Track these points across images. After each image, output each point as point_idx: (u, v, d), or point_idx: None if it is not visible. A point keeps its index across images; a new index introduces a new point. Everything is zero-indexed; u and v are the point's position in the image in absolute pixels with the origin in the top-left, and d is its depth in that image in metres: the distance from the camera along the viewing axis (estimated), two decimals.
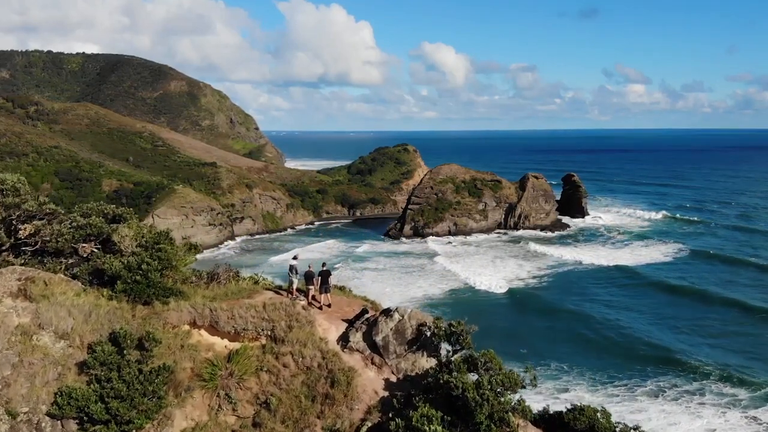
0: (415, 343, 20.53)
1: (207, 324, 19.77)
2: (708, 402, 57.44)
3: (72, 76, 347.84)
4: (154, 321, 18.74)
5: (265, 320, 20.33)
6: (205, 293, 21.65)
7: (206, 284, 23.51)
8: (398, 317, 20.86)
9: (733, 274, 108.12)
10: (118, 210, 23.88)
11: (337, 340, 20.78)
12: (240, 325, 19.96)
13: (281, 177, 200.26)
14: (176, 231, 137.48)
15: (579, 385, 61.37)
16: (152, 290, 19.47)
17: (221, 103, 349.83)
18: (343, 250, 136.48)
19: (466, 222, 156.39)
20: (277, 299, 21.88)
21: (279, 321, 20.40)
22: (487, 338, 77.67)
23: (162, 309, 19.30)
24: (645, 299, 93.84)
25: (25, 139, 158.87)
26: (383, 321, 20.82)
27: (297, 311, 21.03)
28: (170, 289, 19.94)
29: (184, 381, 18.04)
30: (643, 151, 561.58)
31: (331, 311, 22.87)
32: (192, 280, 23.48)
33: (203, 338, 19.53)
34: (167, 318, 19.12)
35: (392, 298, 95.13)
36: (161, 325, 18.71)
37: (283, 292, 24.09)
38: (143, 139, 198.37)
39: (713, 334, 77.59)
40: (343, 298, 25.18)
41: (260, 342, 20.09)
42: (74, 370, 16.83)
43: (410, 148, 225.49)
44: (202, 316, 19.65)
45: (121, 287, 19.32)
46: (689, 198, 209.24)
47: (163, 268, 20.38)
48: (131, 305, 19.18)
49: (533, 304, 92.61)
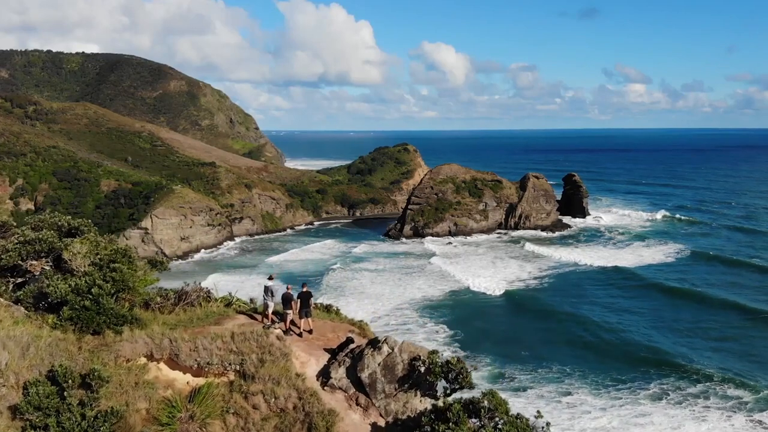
0: (407, 381, 18.05)
1: (166, 356, 17.09)
2: (713, 405, 56.65)
3: (71, 75, 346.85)
4: (104, 354, 16.16)
5: (233, 353, 17.72)
6: (166, 319, 19.33)
7: (173, 305, 21.11)
8: (387, 350, 18.29)
9: (735, 275, 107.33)
10: (74, 222, 21.40)
11: (317, 375, 18.43)
12: (204, 358, 17.23)
13: (281, 177, 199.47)
14: (175, 231, 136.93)
15: (581, 389, 60.59)
16: (103, 317, 16.93)
17: (221, 103, 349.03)
18: (342, 251, 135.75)
19: (466, 222, 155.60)
20: (249, 327, 19.28)
21: (249, 354, 17.82)
22: (487, 341, 77.31)
23: (114, 339, 16.78)
24: (646, 301, 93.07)
25: (23, 139, 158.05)
26: (370, 354, 18.22)
27: (270, 342, 18.38)
28: (124, 316, 17.48)
29: (136, 426, 15.64)
30: (643, 151, 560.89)
31: (311, 339, 20.41)
32: (157, 301, 21.05)
33: (162, 373, 17.05)
34: (120, 350, 16.48)
35: (391, 300, 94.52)
36: (112, 359, 16.19)
37: (259, 315, 21.82)
38: (142, 138, 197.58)
39: (716, 336, 76.82)
40: (327, 322, 22.52)
41: (227, 378, 17.50)
42: (7, 415, 14.22)
43: (410, 148, 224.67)
44: (160, 348, 17.03)
45: (67, 314, 16.80)
46: (690, 198, 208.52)
47: (118, 290, 18.07)
48: (78, 335, 16.67)
49: (534, 305, 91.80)
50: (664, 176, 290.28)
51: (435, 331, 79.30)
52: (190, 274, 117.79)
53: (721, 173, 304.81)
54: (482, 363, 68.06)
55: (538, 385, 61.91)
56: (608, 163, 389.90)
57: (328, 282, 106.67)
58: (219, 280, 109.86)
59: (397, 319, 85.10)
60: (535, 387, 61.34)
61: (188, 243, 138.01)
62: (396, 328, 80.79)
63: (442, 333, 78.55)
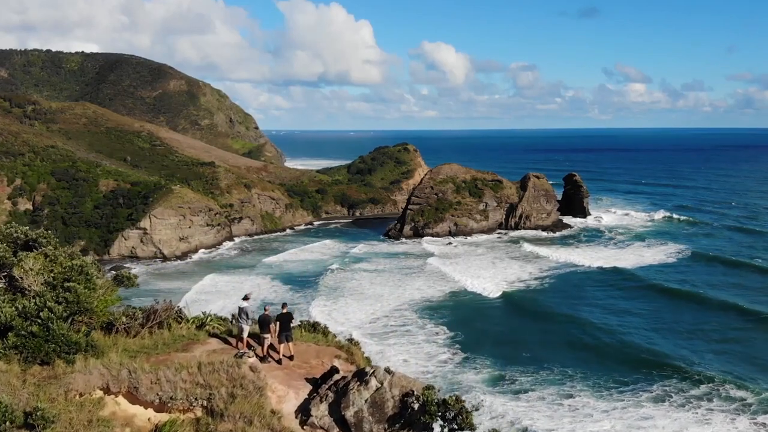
0: (399, 420, 15.90)
1: (125, 390, 15.15)
2: (716, 408, 56.01)
3: (71, 75, 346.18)
4: (53, 388, 14.07)
5: (200, 386, 15.67)
6: (128, 345, 17.33)
7: (141, 326, 19.06)
8: (376, 384, 16.02)
9: (736, 276, 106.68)
10: (32, 233, 19.12)
11: (296, 411, 16.39)
12: (167, 392, 15.21)
13: (280, 177, 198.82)
14: (174, 231, 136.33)
15: (584, 392, 59.91)
16: (52, 345, 14.94)
17: (221, 103, 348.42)
18: (342, 251, 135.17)
19: (466, 222, 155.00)
20: (219, 356, 17.22)
21: (218, 387, 15.68)
22: (488, 342, 76.69)
23: (65, 370, 14.75)
24: (647, 302, 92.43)
25: (22, 139, 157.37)
26: (356, 389, 16.04)
27: (242, 374, 16.28)
28: (77, 343, 15.45)
29: None
30: (644, 151, 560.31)
31: (292, 367, 18.33)
32: (122, 322, 18.90)
33: (120, 408, 15.14)
34: (71, 383, 14.36)
35: (390, 300, 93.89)
36: (62, 393, 14.15)
37: (234, 339, 19.69)
38: (141, 138, 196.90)
39: (717, 338, 76.19)
40: (311, 345, 20.17)
41: (194, 414, 15.53)
42: None
43: (410, 148, 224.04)
44: (118, 380, 15.00)
45: (12, 341, 14.89)
46: (690, 198, 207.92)
47: (73, 313, 16.11)
48: (24, 366, 14.85)
49: (535, 307, 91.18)
50: (664, 176, 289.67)
51: (435, 333, 78.68)
52: (189, 274, 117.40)
53: (722, 173, 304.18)
54: (483, 365, 67.53)
55: (540, 387, 61.30)
56: (609, 162, 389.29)
57: (326, 283, 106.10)
58: (217, 281, 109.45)
59: (397, 320, 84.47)
60: (536, 389, 60.72)
61: (187, 243, 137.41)
62: (395, 330, 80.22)
63: (442, 334, 77.93)
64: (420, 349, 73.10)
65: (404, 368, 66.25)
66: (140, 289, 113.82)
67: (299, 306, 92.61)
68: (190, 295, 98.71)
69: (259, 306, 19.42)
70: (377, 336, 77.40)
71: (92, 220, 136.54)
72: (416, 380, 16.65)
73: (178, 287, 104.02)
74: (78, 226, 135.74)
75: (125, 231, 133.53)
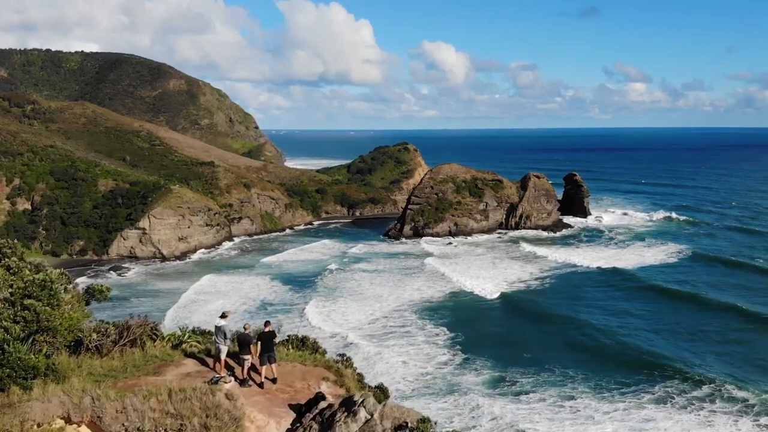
0: None
1: (87, 419, 13.81)
2: (719, 410, 55.60)
3: (71, 74, 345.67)
4: (8, 417, 12.91)
5: (170, 416, 14.33)
6: (93, 367, 16.01)
7: (113, 343, 17.68)
8: (365, 416, 14.23)
9: (737, 277, 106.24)
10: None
11: None
12: (134, 422, 13.90)
13: (280, 176, 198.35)
14: (173, 231, 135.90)
15: (585, 393, 59.49)
16: (7, 370, 13.64)
17: (220, 102, 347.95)
18: (341, 251, 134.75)
19: (466, 222, 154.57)
20: (192, 382, 15.73)
21: (190, 417, 14.29)
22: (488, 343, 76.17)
23: (21, 398, 13.50)
24: (648, 303, 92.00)
25: (21, 138, 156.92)
26: (342, 421, 14.26)
27: (217, 402, 14.81)
28: (35, 367, 14.07)
29: None
30: (644, 150, 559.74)
31: (275, 390, 16.92)
32: (93, 339, 17.45)
33: None
34: (28, 412, 13.13)
35: (389, 301, 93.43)
36: (18, 424, 12.97)
37: (212, 359, 18.15)
38: (141, 138, 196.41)
39: (719, 339, 75.79)
40: (297, 366, 18.54)
41: None
42: None
43: (410, 147, 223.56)
44: (79, 408, 13.67)
45: None
46: (691, 198, 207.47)
47: (32, 333, 14.78)
48: None
49: (535, 308, 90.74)
50: (664, 176, 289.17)
51: (435, 334, 78.25)
52: (188, 274, 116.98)
53: (722, 172, 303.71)
54: (483, 366, 67.10)
55: (540, 389, 60.87)
56: (609, 162, 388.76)
57: (326, 283, 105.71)
58: (216, 281, 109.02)
59: (396, 321, 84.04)
60: (537, 391, 60.30)
61: (186, 243, 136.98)
62: (395, 331, 79.80)
63: (442, 336, 77.50)
64: (419, 350, 72.65)
65: (403, 370, 65.89)
66: (139, 290, 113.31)
67: (298, 306, 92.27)
68: (189, 295, 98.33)
69: (239, 321, 17.36)
70: (376, 337, 76.97)
71: (91, 220, 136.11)
72: (410, 410, 14.81)
73: (177, 287, 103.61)
74: (77, 226, 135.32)
75: (124, 231, 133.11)
